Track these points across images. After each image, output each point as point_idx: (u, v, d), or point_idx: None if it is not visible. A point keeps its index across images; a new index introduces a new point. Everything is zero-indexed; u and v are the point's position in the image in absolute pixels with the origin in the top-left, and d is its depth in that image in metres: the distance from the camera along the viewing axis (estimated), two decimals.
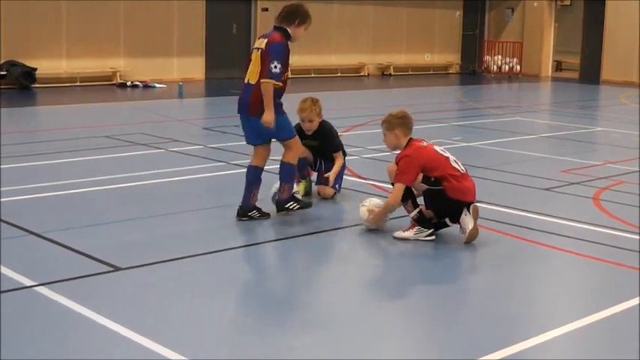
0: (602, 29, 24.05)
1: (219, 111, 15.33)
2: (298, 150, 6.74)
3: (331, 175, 7.47)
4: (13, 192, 7.33)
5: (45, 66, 17.62)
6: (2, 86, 16.61)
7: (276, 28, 6.50)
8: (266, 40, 6.42)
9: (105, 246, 5.80)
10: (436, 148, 6.33)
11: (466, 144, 10.99)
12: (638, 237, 6.37)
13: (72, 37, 18.12)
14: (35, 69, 17.22)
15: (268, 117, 6.28)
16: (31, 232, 6.08)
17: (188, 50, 20.06)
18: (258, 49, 6.44)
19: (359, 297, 5.08)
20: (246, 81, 6.48)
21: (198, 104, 16.70)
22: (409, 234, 6.18)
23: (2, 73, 16.86)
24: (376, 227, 6.34)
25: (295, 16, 6.48)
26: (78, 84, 18.15)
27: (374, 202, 6.40)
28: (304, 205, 6.70)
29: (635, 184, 8.41)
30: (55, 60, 17.98)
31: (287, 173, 6.60)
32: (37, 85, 17.27)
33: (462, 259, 5.95)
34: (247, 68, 6.52)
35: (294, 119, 6.97)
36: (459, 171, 6.17)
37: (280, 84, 6.32)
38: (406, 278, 5.58)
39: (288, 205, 6.58)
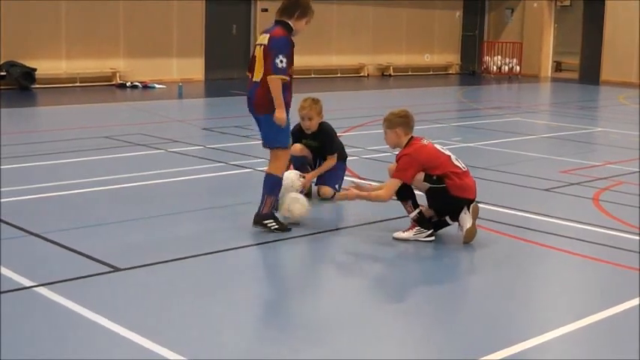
0: (601, 30, 24.06)
1: (219, 112, 15.33)
2: (285, 162, 6.47)
3: (313, 172, 7.45)
4: (12, 192, 7.33)
5: (44, 66, 17.62)
6: (2, 87, 16.62)
7: (277, 22, 6.37)
8: (268, 35, 6.27)
9: (105, 246, 5.80)
10: (437, 146, 6.33)
11: (466, 144, 10.99)
12: (637, 237, 6.37)
13: (71, 37, 18.12)
14: (35, 69, 17.22)
15: (280, 114, 6.09)
16: (32, 233, 6.08)
17: (187, 51, 20.06)
18: (260, 45, 6.29)
19: (359, 297, 5.07)
20: (252, 79, 6.36)
21: (197, 105, 16.70)
22: (409, 235, 6.18)
23: (2, 73, 16.86)
24: (298, 214, 6.45)
25: (296, 8, 6.28)
26: (77, 84, 18.15)
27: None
28: (283, 228, 6.27)
29: (635, 185, 8.42)
30: (55, 60, 17.98)
31: (270, 185, 6.30)
32: (37, 86, 17.28)
33: (461, 260, 5.95)
34: (252, 65, 6.36)
35: (294, 120, 6.95)
36: (460, 169, 6.18)
37: (287, 78, 6.13)
38: (406, 279, 5.57)
39: (267, 222, 6.25)
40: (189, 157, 9.55)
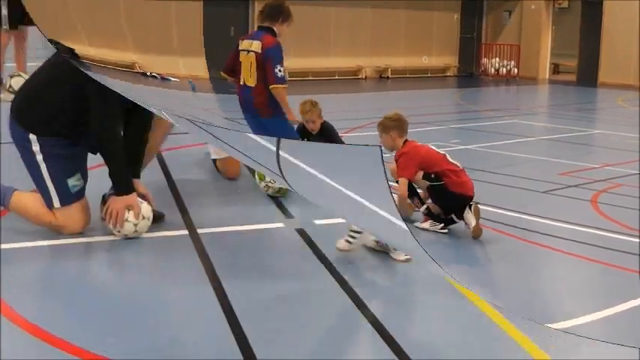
0: (599, 32, 24.09)
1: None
2: None
3: None
4: None
5: None
6: None
7: (262, 28, 6.53)
8: (259, 43, 6.42)
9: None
10: (431, 146, 6.63)
11: (464, 146, 10.99)
12: (636, 239, 6.37)
13: None
14: None
15: (292, 117, 6.66)
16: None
17: (185, 52, 20.03)
18: (249, 51, 6.45)
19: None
20: (241, 82, 6.52)
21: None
22: (426, 225, 6.43)
23: None
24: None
25: (279, 13, 6.56)
26: None
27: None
28: None
29: (633, 187, 8.42)
30: None
31: None
32: None
33: (460, 261, 5.95)
34: (234, 69, 6.59)
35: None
36: (456, 166, 6.43)
37: (287, 85, 6.52)
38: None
39: None
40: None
